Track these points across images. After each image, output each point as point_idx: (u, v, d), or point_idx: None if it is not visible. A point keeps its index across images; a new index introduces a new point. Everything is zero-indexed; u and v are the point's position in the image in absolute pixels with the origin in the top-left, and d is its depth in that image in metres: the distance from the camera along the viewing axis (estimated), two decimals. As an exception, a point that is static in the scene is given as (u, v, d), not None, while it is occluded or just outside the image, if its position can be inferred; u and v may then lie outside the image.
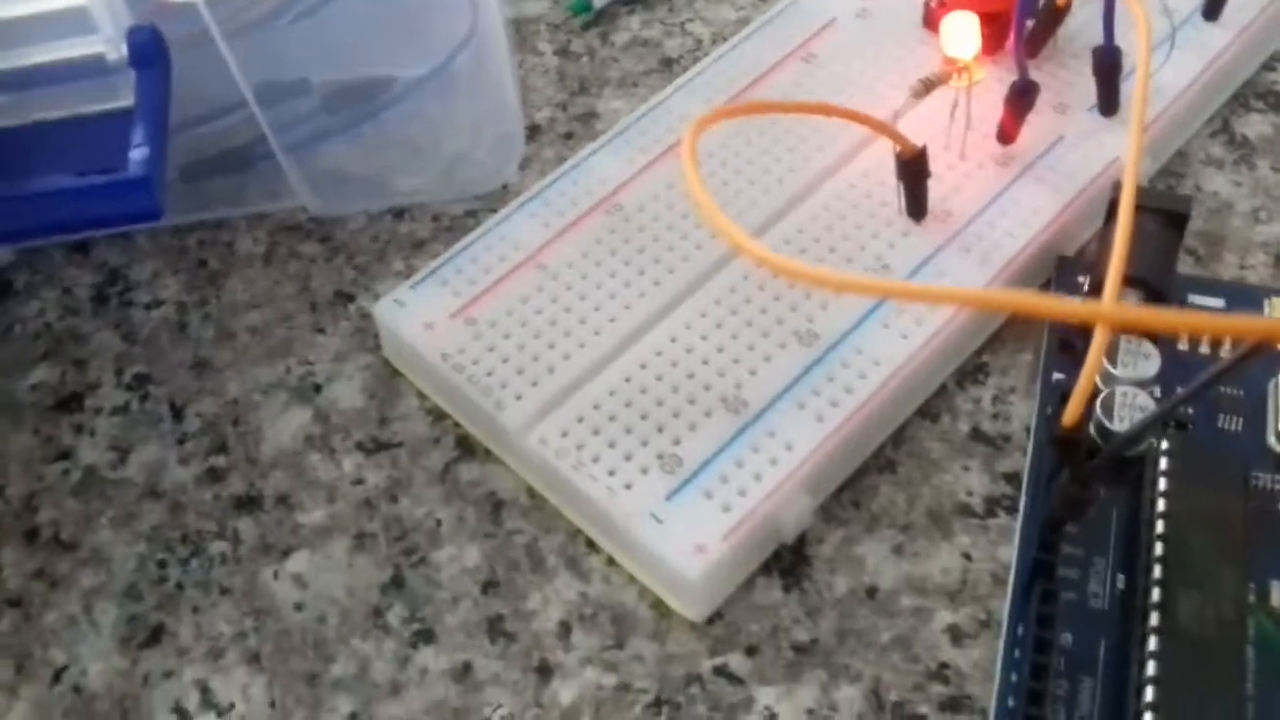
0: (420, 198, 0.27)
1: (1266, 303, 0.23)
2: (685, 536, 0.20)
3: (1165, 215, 0.23)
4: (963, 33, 0.24)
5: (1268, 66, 0.28)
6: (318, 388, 0.24)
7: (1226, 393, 0.22)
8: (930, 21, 0.27)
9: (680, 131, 0.26)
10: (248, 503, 0.23)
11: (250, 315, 0.26)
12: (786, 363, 0.22)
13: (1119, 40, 0.25)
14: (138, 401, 0.24)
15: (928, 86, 0.23)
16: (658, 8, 0.31)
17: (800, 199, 0.25)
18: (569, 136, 0.29)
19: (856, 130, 0.25)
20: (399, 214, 0.27)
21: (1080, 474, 0.19)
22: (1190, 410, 0.21)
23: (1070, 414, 0.18)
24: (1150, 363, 0.22)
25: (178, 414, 0.24)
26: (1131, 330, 0.22)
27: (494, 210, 0.26)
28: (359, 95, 0.27)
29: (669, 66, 0.30)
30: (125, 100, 0.22)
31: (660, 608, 0.21)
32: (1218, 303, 0.23)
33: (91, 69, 0.22)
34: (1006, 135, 0.25)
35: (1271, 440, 0.21)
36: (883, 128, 0.23)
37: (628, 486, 0.21)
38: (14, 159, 0.21)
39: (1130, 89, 0.23)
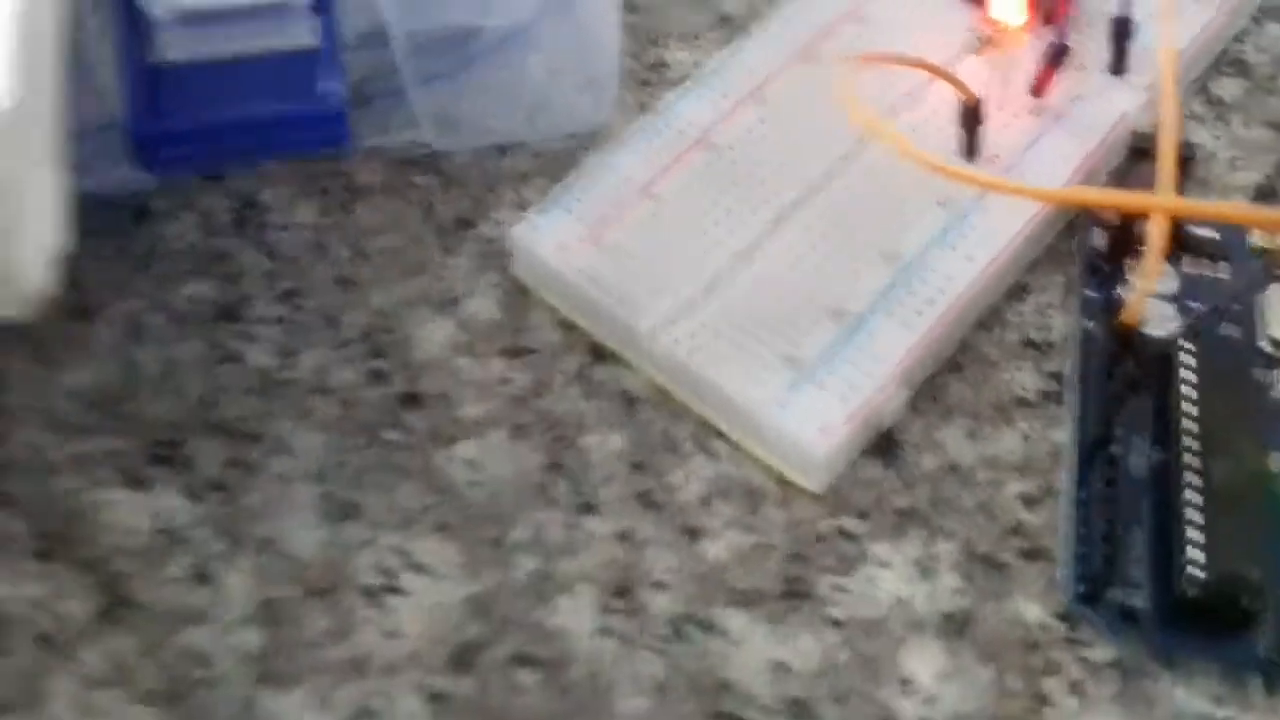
0: (521, 135, 0.30)
1: (1251, 235, 0.28)
2: (809, 421, 0.24)
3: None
4: (1010, 4, 0.28)
5: (1236, 39, 0.33)
6: (455, 301, 0.28)
7: (1232, 308, 0.27)
8: (964, -10, 0.32)
9: (755, 77, 0.30)
10: (410, 399, 0.26)
11: (381, 239, 0.29)
12: (875, 277, 0.26)
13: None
14: (292, 312, 0.27)
15: (988, 42, 0.28)
16: (708, -32, 0.35)
17: (867, 143, 0.29)
18: (645, 83, 0.32)
19: (910, 82, 0.29)
20: (501, 150, 0.30)
21: (1138, 360, 0.24)
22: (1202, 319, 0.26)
23: (1131, 312, 0.23)
24: (1171, 281, 0.27)
25: (332, 323, 0.27)
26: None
27: (587, 148, 0.30)
28: (463, 41, 0.30)
29: (726, 22, 0.33)
30: (305, 40, 0.24)
31: (783, 482, 0.25)
32: (1213, 233, 0.28)
33: (280, 11, 0.24)
34: (1039, 89, 0.29)
35: (1263, 343, 0.26)
36: (951, 79, 0.27)
37: (755, 379, 0.25)
38: (218, 89, 0.24)
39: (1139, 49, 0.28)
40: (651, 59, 0.33)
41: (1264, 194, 0.30)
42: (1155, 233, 0.23)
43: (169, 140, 0.24)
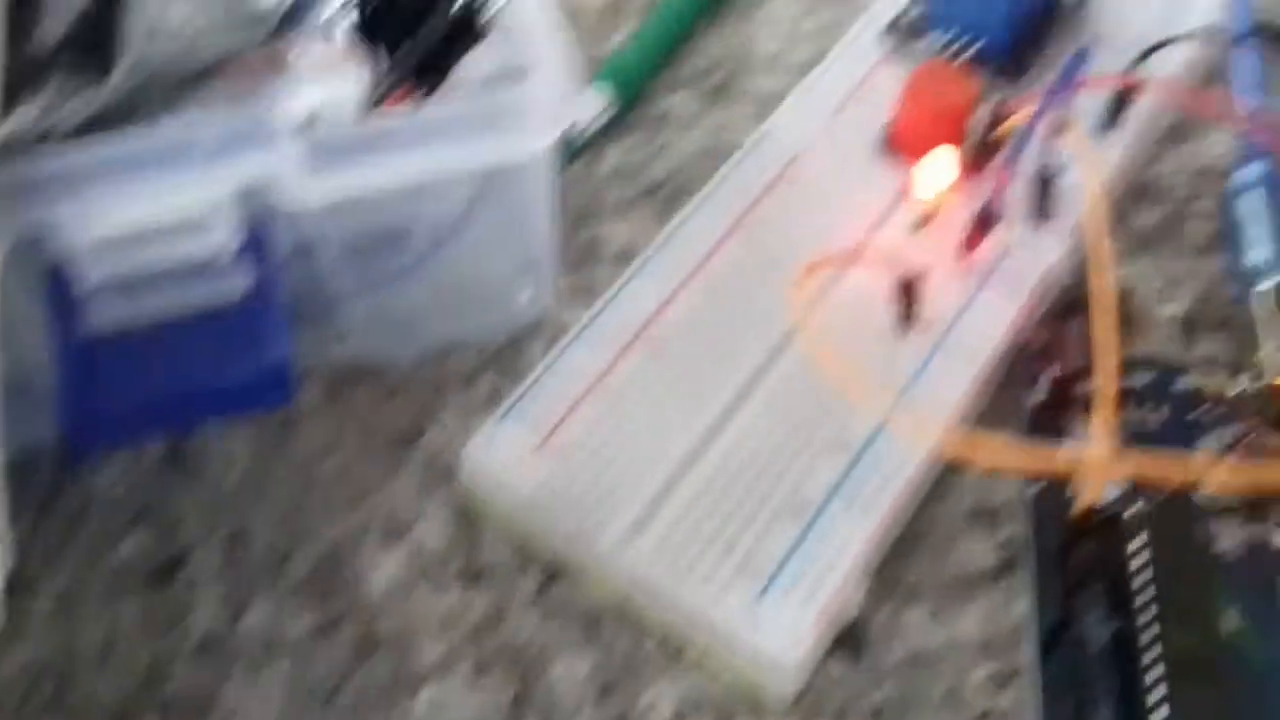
0: (462, 335, 0.30)
1: (1184, 377, 0.29)
2: (778, 630, 0.24)
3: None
4: (938, 172, 0.28)
5: (1149, 164, 0.34)
6: (406, 527, 0.27)
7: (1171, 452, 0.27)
8: (888, 143, 0.32)
9: (694, 256, 0.30)
10: (367, 645, 0.25)
11: (325, 463, 0.28)
12: (829, 468, 0.26)
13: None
14: (235, 558, 0.27)
15: (926, 219, 0.28)
16: (634, 133, 0.35)
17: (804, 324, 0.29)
18: (581, 264, 0.32)
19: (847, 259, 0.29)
20: (444, 353, 0.30)
21: (1093, 551, 0.24)
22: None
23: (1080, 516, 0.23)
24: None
25: (280, 564, 0.26)
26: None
27: (532, 340, 0.30)
28: (394, 245, 0.29)
29: (654, 193, 0.34)
30: (239, 293, 0.24)
31: (754, 697, 0.25)
32: (1147, 378, 0.29)
33: (208, 267, 0.24)
34: (969, 248, 0.30)
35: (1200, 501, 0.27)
36: (885, 265, 0.27)
37: (721, 590, 0.25)
38: (154, 358, 0.23)
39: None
40: (585, 238, 0.33)
41: (1190, 325, 0.31)
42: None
43: (105, 419, 0.23)
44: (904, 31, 0.34)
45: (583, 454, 0.27)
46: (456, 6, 0.25)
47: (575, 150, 0.34)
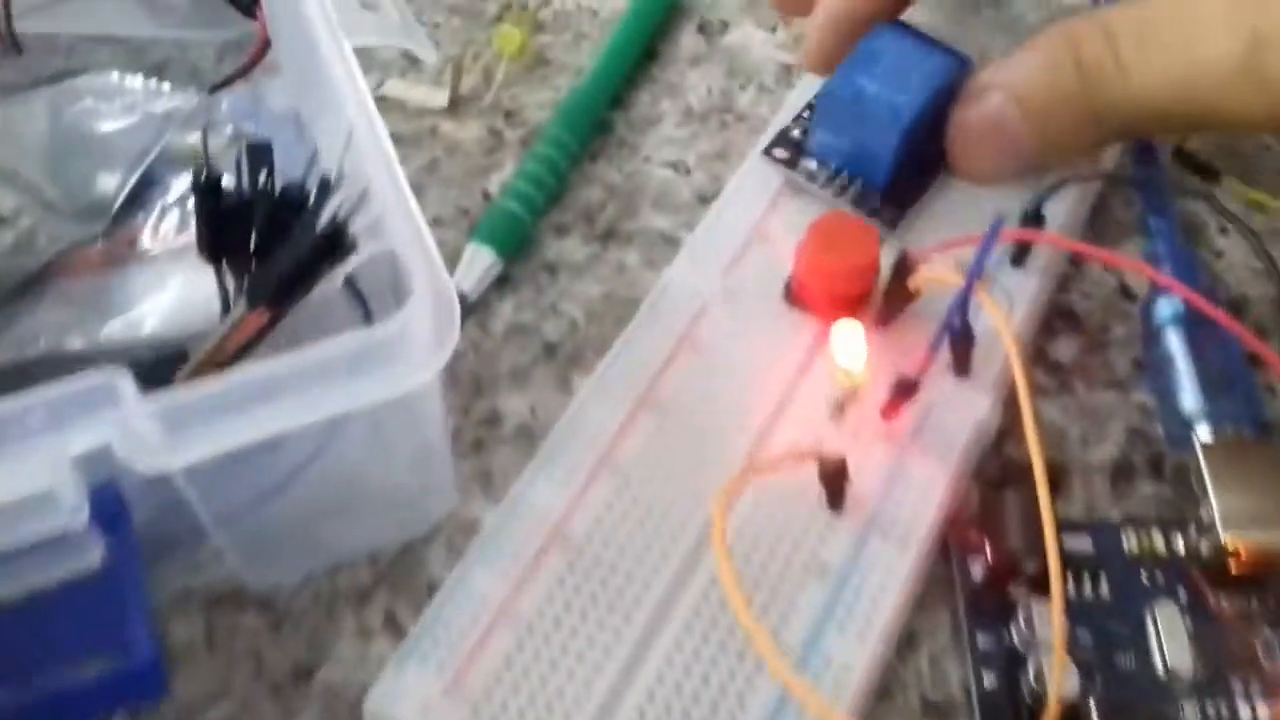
0: (352, 551, 0.27)
1: (1126, 535, 0.28)
2: None
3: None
4: (852, 347, 0.27)
5: (1062, 289, 0.33)
6: (307, 781, 0.24)
7: (1118, 631, 0.26)
8: (790, 296, 0.30)
9: (600, 441, 0.28)
10: None
11: (211, 713, 0.25)
12: (765, 690, 0.24)
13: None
14: (119, 839, 0.24)
15: (842, 407, 0.26)
16: (525, 286, 0.33)
17: (730, 508, 0.27)
18: (479, 445, 0.29)
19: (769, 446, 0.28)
20: (333, 571, 0.27)
21: None
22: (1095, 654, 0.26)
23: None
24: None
25: (169, 845, 0.23)
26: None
27: (430, 543, 0.27)
28: (265, 460, 0.26)
29: (553, 353, 0.31)
30: (92, 565, 0.21)
31: None
32: (1086, 543, 0.27)
33: (56, 540, 0.21)
34: (890, 416, 0.28)
35: (1160, 672, 0.25)
36: (811, 454, 0.26)
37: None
38: (7, 652, 0.20)
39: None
40: (482, 411, 0.30)
41: (1122, 471, 0.30)
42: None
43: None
44: (783, 158, 0.32)
45: (498, 694, 0.24)
46: (323, 222, 0.23)
47: (466, 310, 0.32)
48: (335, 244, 0.23)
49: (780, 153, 0.33)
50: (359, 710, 0.25)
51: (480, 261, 0.32)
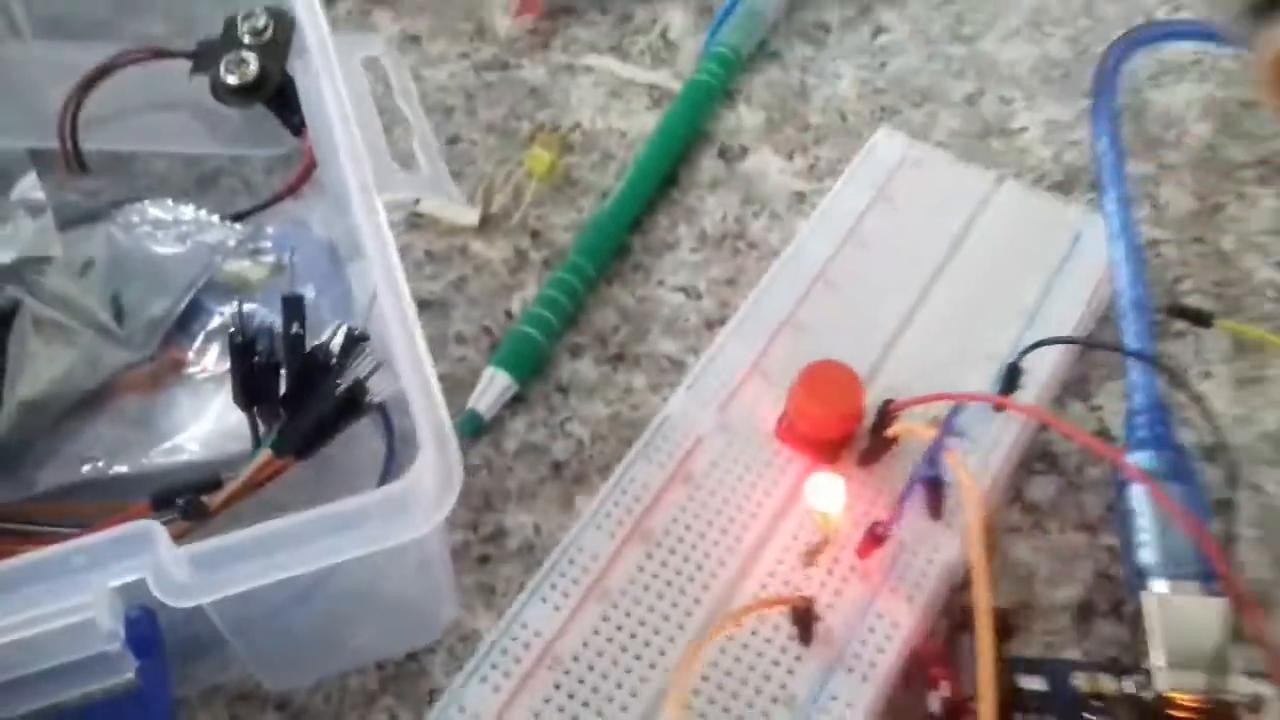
0: (363, 654, 0.30)
1: (1076, 677, 0.29)
2: None
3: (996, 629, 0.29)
4: (829, 495, 0.29)
5: (1042, 429, 0.35)
6: None
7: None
8: (782, 433, 0.33)
9: (592, 575, 0.30)
10: None
11: (229, 806, 0.28)
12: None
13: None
14: None
15: (813, 555, 0.28)
16: (537, 406, 0.35)
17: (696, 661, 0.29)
18: (485, 561, 0.32)
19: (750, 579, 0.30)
20: (344, 675, 0.30)
21: None
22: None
23: None
24: (1008, 768, 0.27)
25: None
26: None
27: (433, 652, 0.30)
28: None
29: (559, 471, 0.34)
30: (123, 678, 0.24)
31: None
32: (1040, 683, 0.29)
33: (93, 661, 0.24)
34: (864, 555, 0.30)
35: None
36: (782, 600, 0.28)
37: None
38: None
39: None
40: (490, 527, 0.33)
41: (1085, 611, 0.31)
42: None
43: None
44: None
45: (484, 809, 0.27)
46: (343, 387, 0.25)
47: (481, 429, 0.34)
48: (354, 403, 0.25)
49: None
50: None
51: (497, 384, 0.34)
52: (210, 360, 0.31)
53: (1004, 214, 0.38)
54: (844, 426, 0.31)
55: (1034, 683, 0.29)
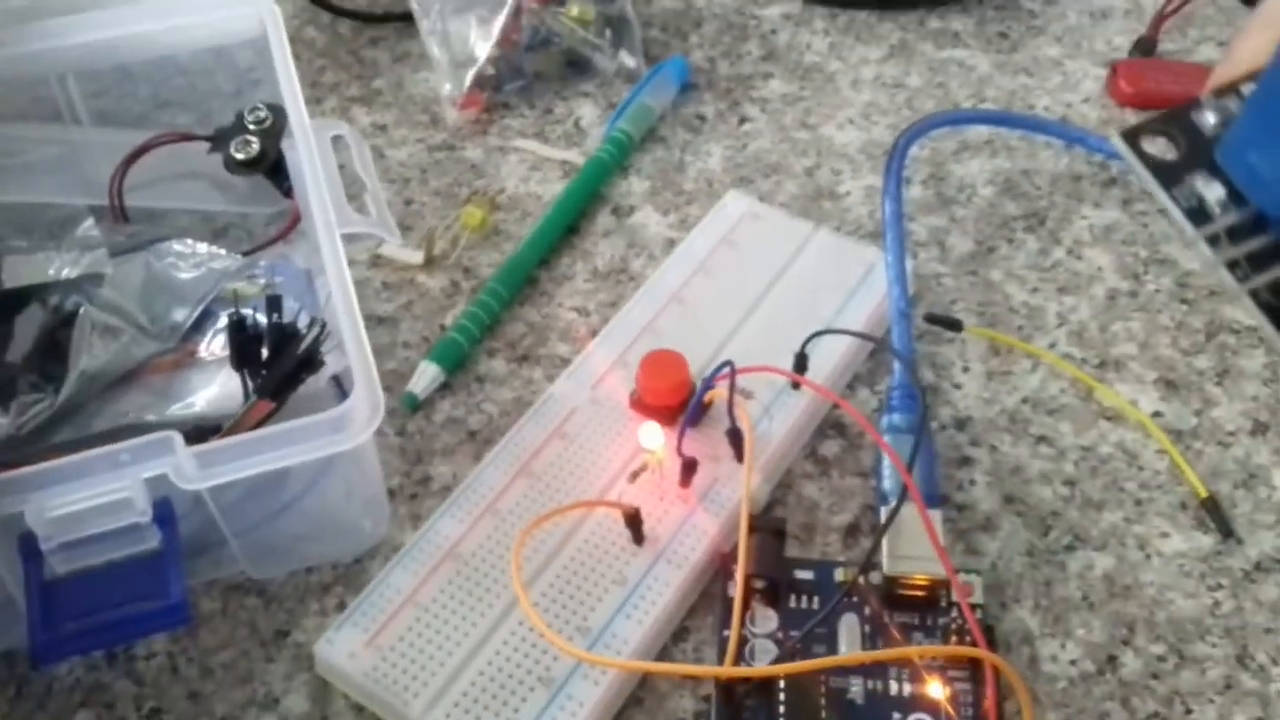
0: (320, 559, 0.41)
1: (837, 571, 0.41)
2: (528, 768, 0.35)
3: (772, 531, 0.40)
4: (652, 436, 0.41)
5: (836, 406, 0.46)
6: (276, 700, 0.38)
7: (817, 630, 0.39)
8: (634, 404, 0.44)
9: (488, 499, 0.41)
10: (249, 787, 0.36)
11: (220, 655, 0.39)
12: (573, 648, 0.38)
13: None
14: (156, 727, 0.37)
15: (635, 475, 0.40)
16: (460, 391, 0.47)
17: (571, 534, 0.40)
18: (414, 497, 0.44)
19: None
20: (308, 569, 0.41)
21: (736, 702, 0.35)
22: (800, 644, 0.38)
23: (727, 672, 0.35)
24: (770, 622, 0.39)
25: (186, 733, 0.37)
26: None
27: (373, 559, 0.41)
28: (265, 497, 0.41)
29: (473, 437, 0.46)
30: (152, 547, 0.35)
31: (517, 812, 0.36)
32: (809, 575, 0.40)
33: (133, 529, 0.35)
34: (683, 484, 0.42)
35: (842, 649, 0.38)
36: (615, 505, 0.39)
37: (491, 743, 0.36)
38: (93, 597, 0.34)
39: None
40: (419, 475, 0.44)
41: (853, 531, 0.43)
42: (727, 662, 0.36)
43: (61, 643, 0.34)
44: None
45: (398, 648, 0.38)
46: (302, 348, 0.38)
47: (416, 406, 0.46)
48: (311, 360, 0.37)
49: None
50: (312, 656, 0.38)
51: (429, 374, 0.46)
52: (216, 349, 0.43)
53: (816, 254, 0.50)
54: (675, 396, 0.43)
55: (806, 574, 0.41)
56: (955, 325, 0.48)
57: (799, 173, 0.56)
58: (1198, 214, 0.41)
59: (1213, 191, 0.41)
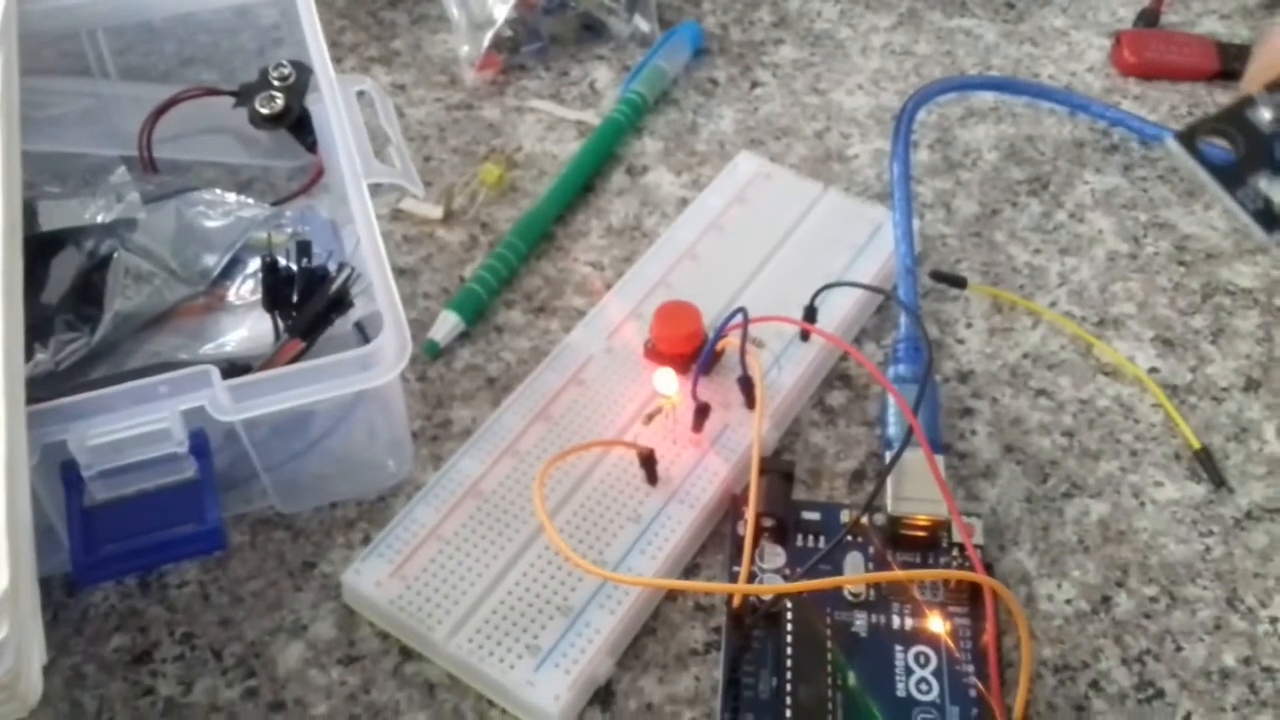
0: (346, 495, 0.43)
1: (843, 512, 0.42)
2: (548, 693, 0.37)
3: (781, 474, 0.41)
4: (667, 381, 0.42)
5: (843, 359, 0.48)
6: (305, 627, 0.40)
7: (822, 567, 0.40)
8: (648, 353, 0.46)
9: (507, 441, 0.43)
10: (277, 706, 0.38)
11: (250, 584, 0.41)
12: (590, 581, 0.39)
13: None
14: (188, 651, 0.39)
15: (650, 416, 0.42)
16: (479, 340, 0.48)
17: (588, 474, 0.42)
18: (435, 439, 0.45)
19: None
20: (334, 505, 0.43)
21: (745, 631, 0.37)
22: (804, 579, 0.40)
23: (737, 600, 0.37)
24: (779, 558, 0.40)
25: (218, 655, 0.39)
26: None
27: (396, 497, 0.43)
28: (295, 434, 0.42)
29: (492, 384, 0.47)
30: (189, 476, 0.37)
31: (535, 733, 0.37)
32: (816, 515, 0.42)
33: (171, 458, 0.37)
34: (696, 429, 0.43)
35: (845, 593, 0.40)
36: (631, 445, 0.41)
37: (512, 667, 0.37)
38: (132, 521, 0.36)
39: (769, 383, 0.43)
40: (440, 418, 0.46)
41: (857, 476, 0.44)
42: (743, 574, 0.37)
43: (100, 565, 0.36)
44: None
45: (422, 578, 0.39)
46: (333, 289, 0.39)
47: (437, 353, 0.48)
48: (340, 300, 0.39)
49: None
50: (340, 590, 0.40)
51: (449, 322, 0.48)
52: (244, 294, 0.45)
53: (825, 213, 0.51)
54: (688, 344, 0.45)
55: (812, 515, 0.42)
56: (960, 282, 0.49)
57: (809, 136, 0.57)
58: (1266, 216, 0.39)
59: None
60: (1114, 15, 0.63)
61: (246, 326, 0.44)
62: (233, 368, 0.41)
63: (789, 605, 0.39)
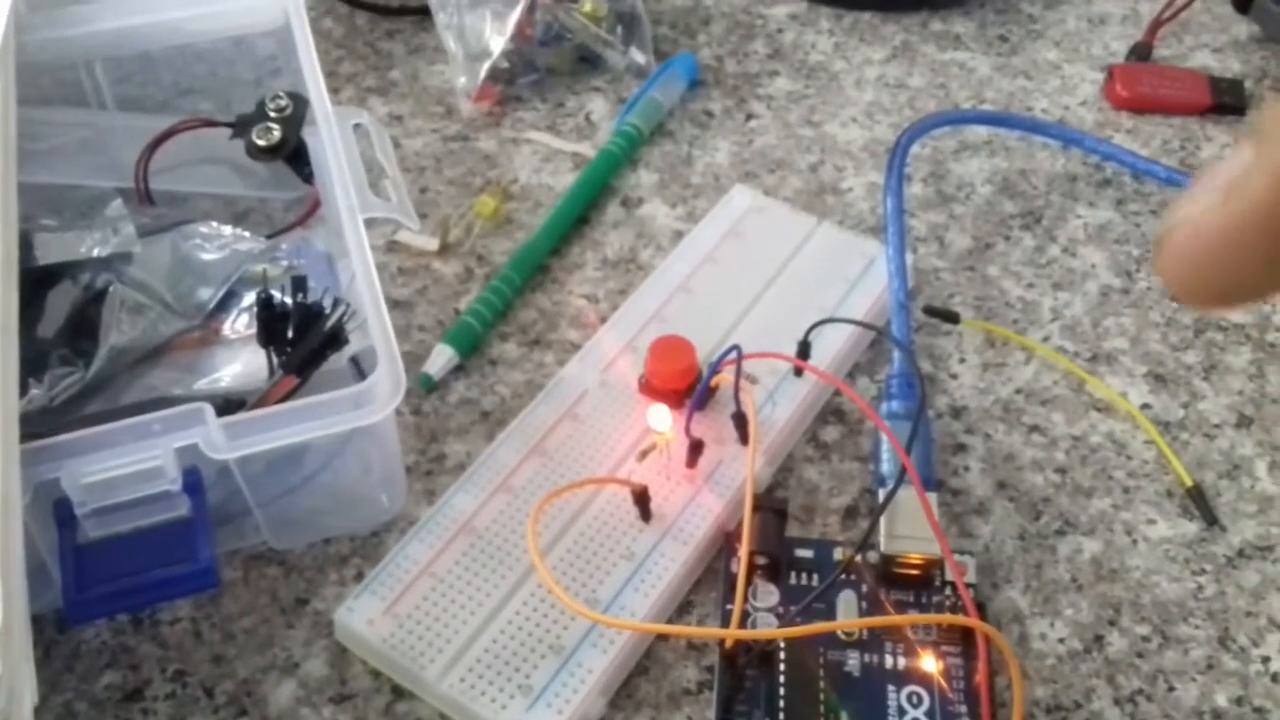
0: (339, 531, 0.43)
1: (836, 550, 0.42)
2: (539, 732, 0.37)
3: (774, 510, 0.41)
4: (661, 418, 0.42)
5: (837, 393, 0.48)
6: (297, 665, 0.40)
7: (815, 606, 0.40)
8: (642, 388, 0.46)
9: (501, 476, 0.43)
10: (270, 746, 0.38)
11: (242, 621, 0.41)
12: (580, 623, 0.39)
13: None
14: (179, 689, 0.39)
15: (644, 454, 0.42)
16: (474, 373, 0.49)
17: (581, 511, 0.42)
18: (429, 473, 0.45)
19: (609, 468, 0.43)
20: (327, 541, 0.43)
21: (738, 671, 0.37)
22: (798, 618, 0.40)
23: (730, 642, 0.37)
24: (772, 596, 0.40)
25: (210, 693, 0.39)
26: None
27: (389, 532, 0.43)
28: (288, 470, 0.42)
29: (486, 418, 0.47)
30: (182, 514, 0.37)
31: (527, 773, 0.37)
32: (809, 553, 0.42)
33: (164, 496, 0.37)
34: (689, 465, 0.43)
35: (839, 633, 0.40)
36: (625, 483, 0.41)
37: (504, 707, 0.37)
38: (124, 560, 0.36)
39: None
40: (434, 453, 0.46)
41: (851, 512, 0.44)
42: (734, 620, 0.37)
43: (92, 603, 0.36)
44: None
45: (415, 616, 0.39)
46: (328, 325, 0.39)
47: (432, 387, 0.48)
48: (336, 337, 0.39)
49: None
50: (332, 623, 0.40)
51: (444, 356, 0.48)
52: (239, 328, 0.45)
53: (819, 247, 0.52)
54: (683, 380, 0.45)
55: (806, 552, 0.42)
56: (953, 318, 0.49)
57: (803, 168, 0.57)
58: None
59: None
60: (1107, 49, 0.63)
61: (241, 361, 0.44)
62: (227, 403, 0.41)
63: (782, 645, 0.39)
